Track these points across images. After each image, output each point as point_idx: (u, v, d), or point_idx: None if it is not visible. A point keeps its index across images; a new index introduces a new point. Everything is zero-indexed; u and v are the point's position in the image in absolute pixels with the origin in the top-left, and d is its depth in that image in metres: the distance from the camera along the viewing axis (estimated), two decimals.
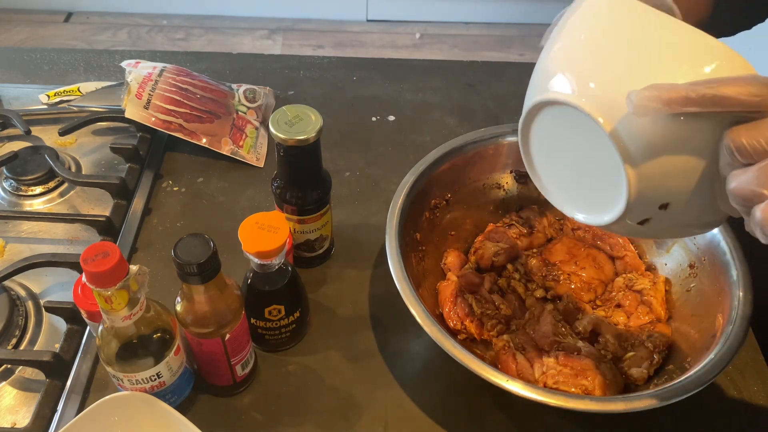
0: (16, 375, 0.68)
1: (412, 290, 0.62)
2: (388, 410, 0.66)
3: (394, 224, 0.67)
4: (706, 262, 0.68)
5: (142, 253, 0.79)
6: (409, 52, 2.64)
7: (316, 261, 0.78)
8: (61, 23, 2.70)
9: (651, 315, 0.68)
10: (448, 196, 0.77)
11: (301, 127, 0.64)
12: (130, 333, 0.55)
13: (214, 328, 0.58)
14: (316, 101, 1.01)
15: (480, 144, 0.77)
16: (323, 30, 2.74)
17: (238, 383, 0.66)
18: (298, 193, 0.69)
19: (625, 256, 0.74)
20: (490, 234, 0.76)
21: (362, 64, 1.09)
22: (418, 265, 0.71)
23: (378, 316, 0.74)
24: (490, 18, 2.80)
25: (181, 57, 1.08)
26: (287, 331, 0.68)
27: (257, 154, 0.92)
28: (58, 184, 0.87)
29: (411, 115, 1.00)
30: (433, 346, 0.60)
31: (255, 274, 0.63)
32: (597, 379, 0.61)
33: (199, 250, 0.53)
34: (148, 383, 0.58)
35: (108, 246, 0.50)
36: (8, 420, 0.64)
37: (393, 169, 0.90)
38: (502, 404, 0.67)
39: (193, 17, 2.75)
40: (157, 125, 0.87)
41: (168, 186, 0.88)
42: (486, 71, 1.08)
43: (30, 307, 0.73)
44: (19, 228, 0.82)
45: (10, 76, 1.03)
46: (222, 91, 0.95)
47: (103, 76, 1.03)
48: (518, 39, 2.75)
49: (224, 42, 2.65)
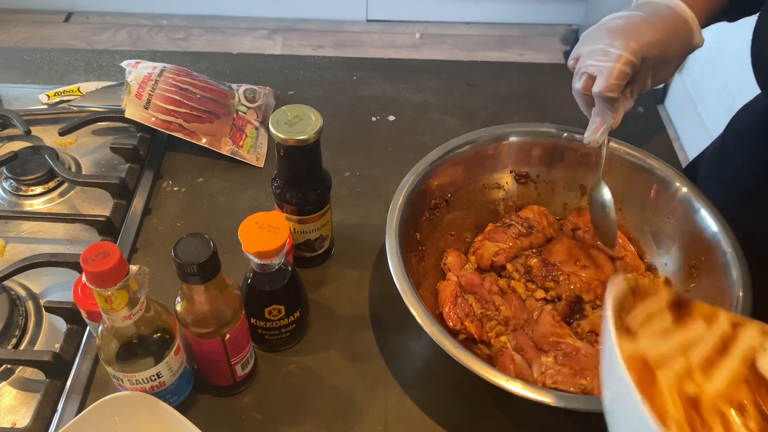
0: (16, 375, 0.68)
1: (412, 290, 0.62)
2: (388, 410, 0.66)
3: (394, 224, 0.67)
4: (706, 262, 0.68)
5: (142, 253, 0.79)
6: (409, 52, 2.64)
7: (316, 261, 0.78)
8: (61, 23, 2.70)
9: None
10: (448, 196, 0.77)
11: (301, 127, 0.64)
12: (130, 333, 0.55)
13: (214, 328, 0.58)
14: (316, 101, 1.01)
15: (480, 144, 0.77)
16: (323, 30, 2.74)
17: (238, 383, 0.66)
18: (298, 193, 0.69)
19: (625, 257, 0.74)
20: (490, 234, 0.76)
21: (362, 64, 1.09)
22: (418, 265, 0.71)
23: (378, 316, 0.74)
24: (490, 18, 2.80)
25: (181, 57, 1.08)
26: (287, 331, 0.68)
27: (257, 154, 0.92)
28: (58, 184, 0.87)
29: (411, 115, 1.00)
30: (433, 346, 0.60)
31: (255, 274, 0.63)
32: (596, 379, 0.61)
33: (199, 250, 0.53)
34: (148, 383, 0.58)
35: (108, 246, 0.50)
36: (8, 420, 0.64)
37: (393, 169, 0.90)
38: (502, 404, 0.67)
39: (193, 17, 2.75)
40: (157, 125, 0.87)
41: (168, 186, 0.88)
42: (486, 71, 1.08)
43: (30, 307, 0.73)
44: (19, 228, 0.82)
45: (10, 76, 1.03)
46: (222, 91, 0.95)
47: (103, 76, 1.03)
48: (518, 39, 2.75)
49: (224, 42, 2.65)
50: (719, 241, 0.67)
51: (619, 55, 0.62)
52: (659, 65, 0.66)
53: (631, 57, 0.62)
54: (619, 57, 0.62)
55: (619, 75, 0.63)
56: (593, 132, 0.69)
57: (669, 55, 0.66)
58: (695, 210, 0.70)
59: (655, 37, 0.64)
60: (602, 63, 0.63)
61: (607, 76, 0.63)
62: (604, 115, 0.67)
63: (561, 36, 2.77)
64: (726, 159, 0.82)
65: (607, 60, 0.63)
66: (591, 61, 0.65)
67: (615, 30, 0.64)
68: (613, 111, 0.67)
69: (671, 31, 0.65)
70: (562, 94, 0.70)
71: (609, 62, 0.63)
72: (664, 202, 0.74)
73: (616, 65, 0.62)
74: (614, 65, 0.62)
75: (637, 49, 0.63)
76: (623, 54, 0.62)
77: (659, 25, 0.65)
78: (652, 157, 0.75)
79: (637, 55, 0.63)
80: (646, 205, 0.75)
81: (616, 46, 0.63)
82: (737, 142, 0.82)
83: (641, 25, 0.64)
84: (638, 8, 0.67)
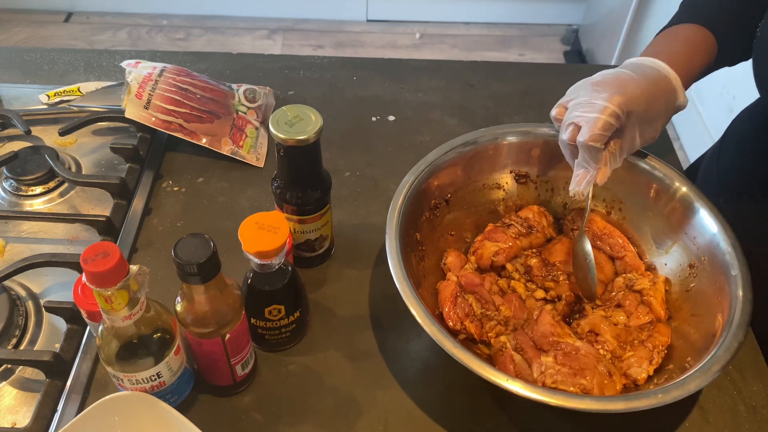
0: (16, 375, 0.68)
1: (412, 290, 0.62)
2: (388, 410, 0.66)
3: (394, 224, 0.67)
4: (706, 262, 0.68)
5: (142, 253, 0.79)
6: (409, 52, 2.64)
7: (316, 261, 0.78)
8: (61, 23, 2.70)
9: (651, 315, 0.68)
10: (448, 196, 0.77)
11: (301, 127, 0.64)
12: (130, 333, 0.55)
13: (214, 328, 0.58)
14: (316, 101, 1.01)
15: (480, 144, 0.77)
16: (323, 30, 2.74)
17: (238, 383, 0.66)
18: (298, 193, 0.69)
19: (625, 256, 0.74)
20: (489, 234, 0.76)
21: (362, 64, 1.09)
22: (418, 265, 0.71)
23: (378, 316, 0.74)
24: (490, 18, 2.80)
25: (181, 57, 1.08)
26: (287, 331, 0.68)
27: (257, 154, 0.92)
28: (58, 184, 0.87)
29: (411, 115, 1.00)
30: (433, 346, 0.60)
31: (255, 274, 0.63)
32: (595, 379, 0.61)
33: (199, 250, 0.53)
34: (148, 383, 0.58)
35: (108, 246, 0.50)
36: (8, 420, 0.64)
37: (393, 169, 0.90)
38: (502, 404, 0.67)
39: (193, 17, 2.75)
40: (157, 125, 0.87)
41: (168, 186, 0.88)
42: (486, 71, 1.08)
43: (30, 307, 0.73)
44: (19, 228, 0.82)
45: (10, 76, 1.03)
46: (222, 91, 0.95)
47: (103, 76, 1.03)
48: (518, 39, 2.75)
49: (224, 42, 2.65)
50: (719, 241, 0.67)
51: (604, 107, 0.63)
52: (645, 122, 0.67)
53: (616, 109, 0.63)
54: (605, 108, 0.63)
55: (605, 126, 0.63)
56: (577, 184, 0.68)
57: (654, 112, 0.67)
58: (695, 210, 0.70)
59: (640, 91, 0.65)
60: (588, 114, 0.64)
61: (592, 126, 0.63)
62: (587, 167, 0.67)
63: (561, 36, 2.77)
64: (725, 160, 0.82)
65: (593, 111, 0.64)
66: (577, 112, 0.66)
67: (601, 83, 0.66)
68: (597, 163, 0.66)
69: (655, 88, 0.67)
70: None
71: (594, 113, 0.64)
72: (664, 202, 0.74)
73: (601, 116, 0.63)
74: (599, 116, 0.63)
75: (622, 102, 0.63)
76: (608, 105, 0.63)
77: (644, 82, 0.66)
78: (652, 157, 0.75)
79: (622, 108, 0.63)
80: (646, 205, 0.75)
81: (602, 98, 0.64)
82: (736, 144, 0.82)
83: (627, 81, 0.66)
84: (624, 67, 0.69)
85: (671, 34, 0.74)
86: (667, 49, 0.71)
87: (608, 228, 0.76)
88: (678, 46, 0.71)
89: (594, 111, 0.64)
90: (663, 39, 0.73)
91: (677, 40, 0.72)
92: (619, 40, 2.32)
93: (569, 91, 0.69)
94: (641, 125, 0.67)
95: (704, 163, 0.90)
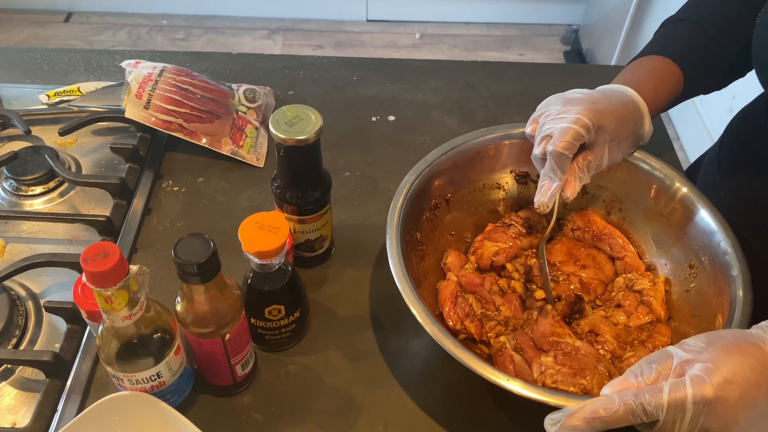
0: (16, 375, 0.68)
1: (412, 290, 0.62)
2: (388, 410, 0.66)
3: (394, 224, 0.67)
4: (706, 262, 0.68)
5: (142, 253, 0.79)
6: (409, 52, 2.65)
7: (316, 261, 0.78)
8: (61, 23, 2.70)
9: (651, 315, 0.68)
10: (448, 196, 0.77)
11: (301, 127, 0.64)
12: (130, 333, 0.55)
13: (214, 328, 0.58)
14: (316, 101, 1.01)
15: (480, 144, 0.77)
16: (323, 30, 2.74)
17: (238, 383, 0.66)
18: (298, 193, 0.69)
19: (625, 257, 0.74)
20: (490, 234, 0.76)
21: (362, 64, 1.09)
22: (418, 264, 0.71)
23: (378, 316, 0.74)
24: (490, 18, 2.80)
25: (181, 57, 1.08)
26: (287, 331, 0.68)
27: (257, 154, 0.92)
28: (58, 184, 0.87)
29: (411, 115, 1.00)
30: (433, 346, 0.60)
31: (255, 274, 0.63)
32: (595, 379, 0.61)
33: (199, 250, 0.53)
34: (148, 383, 0.58)
35: (108, 246, 0.50)
36: (8, 420, 0.64)
37: (393, 169, 0.90)
38: (502, 404, 0.67)
39: (193, 17, 2.75)
40: (157, 125, 0.87)
41: (168, 186, 0.88)
42: (486, 71, 1.08)
43: (30, 307, 0.73)
44: (19, 228, 0.82)
45: (10, 76, 1.03)
46: (222, 91, 0.95)
47: (103, 76, 1.03)
48: (518, 39, 2.75)
49: (224, 42, 2.65)
50: (719, 241, 0.67)
51: (576, 118, 0.64)
52: (614, 141, 0.68)
53: (586, 120, 0.64)
54: (577, 119, 0.64)
55: (575, 135, 0.64)
56: (542, 195, 0.67)
57: (623, 132, 0.68)
58: (695, 210, 0.70)
59: (612, 108, 0.67)
60: (559, 124, 0.65)
61: (563, 134, 0.64)
62: (552, 176, 0.66)
63: (561, 36, 2.77)
64: (725, 160, 0.82)
65: (564, 122, 0.65)
66: (549, 124, 0.66)
67: (573, 100, 0.67)
68: (563, 173, 0.66)
69: (625, 109, 0.68)
70: None
71: (565, 123, 0.64)
72: (664, 202, 0.74)
73: (572, 126, 0.64)
74: (570, 126, 0.64)
75: (593, 116, 0.64)
76: (580, 117, 0.64)
77: (615, 102, 0.68)
78: (652, 157, 0.75)
79: (593, 120, 0.64)
80: (647, 206, 0.75)
81: (574, 110, 0.65)
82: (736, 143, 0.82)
83: (599, 99, 0.67)
84: (595, 90, 0.70)
85: (639, 64, 0.75)
86: (635, 78, 0.72)
87: (608, 228, 0.76)
88: (645, 76, 0.73)
89: (565, 122, 0.64)
90: (632, 69, 0.75)
91: (644, 70, 0.74)
92: (619, 40, 2.32)
93: (540, 106, 0.70)
94: (610, 143, 0.67)
95: (704, 163, 0.90)
